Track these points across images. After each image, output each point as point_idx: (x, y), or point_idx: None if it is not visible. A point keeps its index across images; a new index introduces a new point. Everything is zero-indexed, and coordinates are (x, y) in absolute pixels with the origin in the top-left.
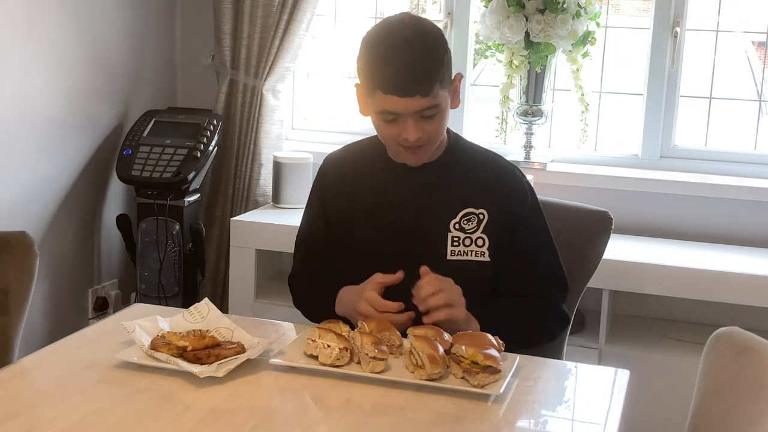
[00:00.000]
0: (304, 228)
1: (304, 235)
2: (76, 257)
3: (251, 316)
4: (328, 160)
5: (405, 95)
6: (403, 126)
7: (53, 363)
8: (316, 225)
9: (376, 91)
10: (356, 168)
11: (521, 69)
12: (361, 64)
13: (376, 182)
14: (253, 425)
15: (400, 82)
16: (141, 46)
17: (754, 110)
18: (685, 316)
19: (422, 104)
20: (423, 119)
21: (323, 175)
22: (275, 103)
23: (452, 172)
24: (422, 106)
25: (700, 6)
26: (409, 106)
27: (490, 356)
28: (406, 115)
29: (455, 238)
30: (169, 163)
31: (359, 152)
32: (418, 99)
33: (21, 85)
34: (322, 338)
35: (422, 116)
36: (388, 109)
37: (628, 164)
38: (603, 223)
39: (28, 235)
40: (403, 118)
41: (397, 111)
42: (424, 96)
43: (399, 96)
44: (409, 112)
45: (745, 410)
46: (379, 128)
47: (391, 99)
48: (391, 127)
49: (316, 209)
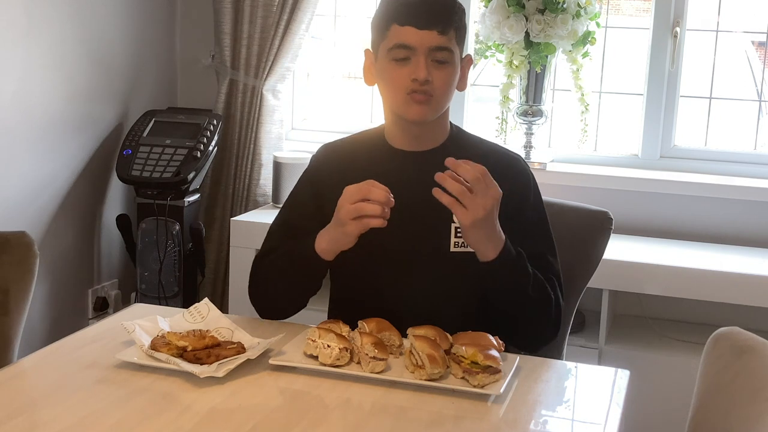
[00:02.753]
0: (285, 215)
1: (285, 220)
2: (76, 257)
3: (251, 316)
4: (324, 149)
5: (422, 26)
6: (414, 65)
7: (53, 363)
8: (303, 211)
9: (391, 25)
10: (354, 157)
11: (521, 69)
12: (376, 12)
13: (375, 171)
14: (253, 425)
15: (418, 12)
16: (141, 46)
17: (754, 110)
18: (685, 316)
19: (437, 41)
20: (434, 64)
21: (317, 163)
22: (275, 103)
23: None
24: (437, 43)
25: (700, 6)
26: (424, 39)
27: (490, 356)
28: (419, 53)
29: (459, 228)
30: (169, 163)
31: (357, 142)
32: (434, 34)
33: (21, 85)
34: (322, 338)
35: (434, 59)
36: (403, 41)
37: (628, 164)
38: (603, 223)
39: (28, 235)
40: (415, 57)
41: (412, 44)
42: (441, 33)
43: (416, 27)
44: (423, 46)
45: (745, 410)
46: (388, 74)
47: (407, 30)
48: (400, 68)
49: (305, 198)
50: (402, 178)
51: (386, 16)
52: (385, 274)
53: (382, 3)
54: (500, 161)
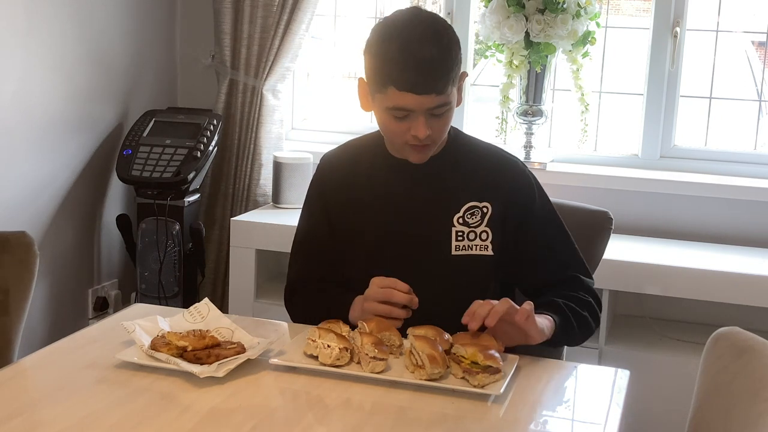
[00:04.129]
0: (303, 230)
1: (303, 238)
2: (76, 257)
3: (251, 316)
4: (326, 159)
5: (421, 93)
6: (414, 123)
7: (53, 363)
8: (317, 225)
9: (388, 87)
10: (356, 165)
11: (521, 69)
12: (372, 59)
13: (377, 178)
14: (253, 425)
15: (417, 80)
16: (141, 46)
17: (754, 110)
18: (685, 316)
19: (436, 102)
20: (433, 117)
21: (322, 173)
22: (275, 103)
23: (454, 166)
24: (435, 104)
25: (700, 6)
26: (423, 104)
27: (490, 356)
28: (418, 113)
29: (459, 232)
30: (169, 163)
31: (358, 149)
32: (433, 97)
33: (21, 85)
34: (322, 338)
35: (432, 114)
36: (401, 105)
37: (628, 164)
38: (603, 223)
39: (28, 235)
40: (414, 116)
41: (411, 108)
42: (439, 94)
43: (415, 93)
44: (422, 109)
45: (745, 410)
46: (387, 124)
47: (405, 96)
48: (400, 123)
49: (316, 209)
50: (403, 185)
51: (385, 76)
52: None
53: (378, 54)
54: (499, 163)
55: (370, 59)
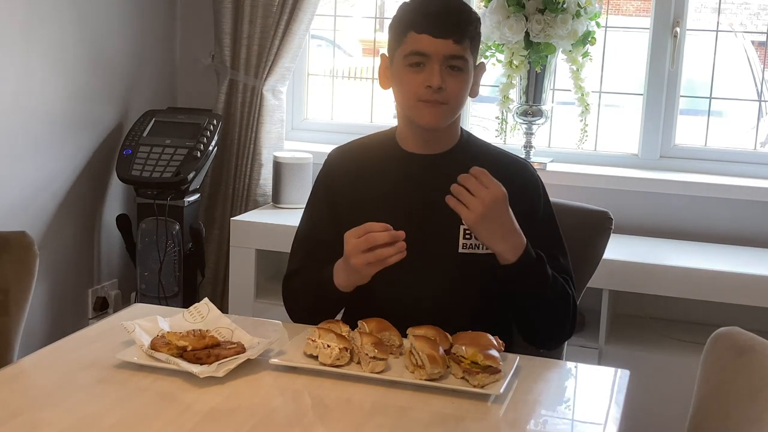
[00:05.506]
0: (305, 226)
1: (306, 234)
2: (76, 257)
3: (251, 316)
4: (334, 155)
5: (438, 35)
6: (428, 72)
7: (53, 363)
8: (321, 222)
9: (408, 32)
10: (365, 159)
11: (521, 69)
12: (395, 17)
13: (386, 174)
14: (253, 425)
15: (435, 22)
16: (141, 46)
17: (754, 110)
18: (685, 316)
19: (452, 50)
20: (449, 71)
21: (329, 169)
22: (275, 103)
23: (464, 164)
24: (452, 52)
25: (700, 6)
26: (439, 48)
27: (490, 356)
28: (434, 61)
29: (467, 231)
30: (169, 163)
31: (367, 146)
32: (450, 43)
33: (21, 85)
34: (322, 338)
35: (449, 66)
36: (418, 49)
37: (628, 164)
38: (603, 223)
39: (28, 235)
40: (430, 64)
41: (427, 51)
42: (456, 42)
43: (432, 36)
44: (438, 54)
45: (745, 410)
46: (402, 78)
47: (423, 38)
48: (415, 73)
49: (321, 205)
50: (412, 181)
51: (404, 23)
52: (395, 274)
53: (400, 9)
54: (509, 167)
55: (394, 18)
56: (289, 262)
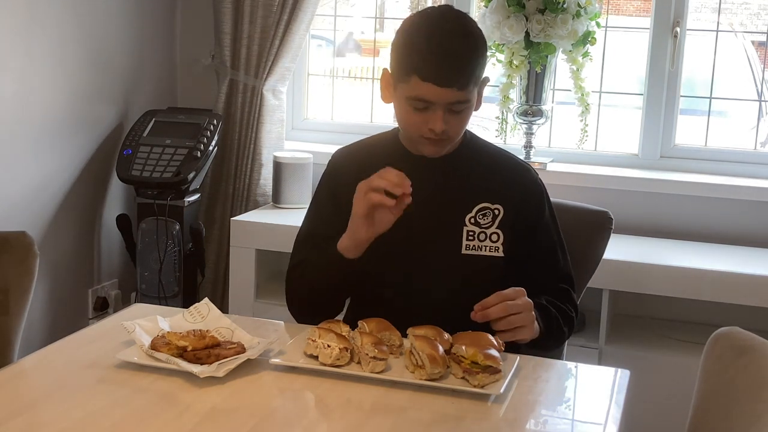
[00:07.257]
0: (310, 222)
1: (311, 230)
2: (76, 257)
3: (251, 316)
4: (338, 155)
5: (443, 85)
6: (431, 116)
7: (53, 363)
8: (327, 218)
9: (411, 76)
10: (370, 160)
11: (521, 69)
12: (399, 48)
13: None
14: (253, 425)
15: (440, 71)
16: (141, 46)
17: (754, 110)
18: (685, 316)
19: (456, 97)
20: (451, 112)
21: (334, 168)
22: (275, 103)
23: (468, 166)
24: (455, 99)
25: (700, 6)
26: (443, 96)
27: (490, 356)
28: (437, 106)
29: (470, 232)
30: (169, 163)
31: (372, 146)
32: (453, 91)
33: (21, 85)
34: (322, 338)
35: (451, 109)
36: (422, 96)
37: (628, 164)
38: (603, 223)
39: (28, 235)
40: (433, 109)
41: (430, 99)
42: (460, 89)
43: (437, 85)
44: (441, 102)
45: (745, 410)
46: (405, 115)
47: (427, 86)
48: (418, 115)
49: (325, 204)
50: (417, 181)
51: (409, 65)
52: (398, 274)
53: (407, 42)
54: (513, 168)
55: (398, 48)
56: (292, 257)
